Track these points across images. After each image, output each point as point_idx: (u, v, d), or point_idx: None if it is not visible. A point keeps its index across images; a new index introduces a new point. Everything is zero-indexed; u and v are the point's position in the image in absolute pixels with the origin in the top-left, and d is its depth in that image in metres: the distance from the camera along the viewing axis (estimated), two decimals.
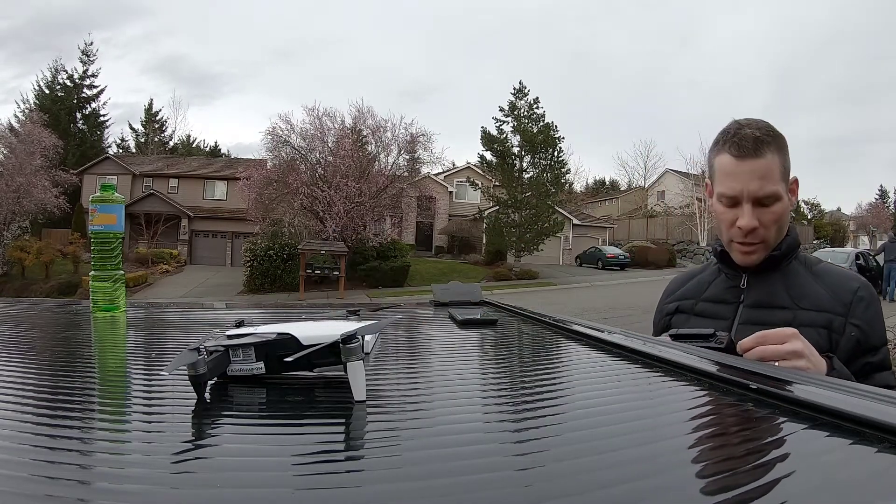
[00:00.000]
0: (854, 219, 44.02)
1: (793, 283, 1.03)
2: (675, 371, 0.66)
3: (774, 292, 1.03)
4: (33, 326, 1.11)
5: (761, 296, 1.04)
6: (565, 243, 27.45)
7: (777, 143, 0.99)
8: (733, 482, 0.36)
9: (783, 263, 1.05)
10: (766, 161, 0.97)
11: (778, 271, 1.04)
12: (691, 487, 0.35)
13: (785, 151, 1.00)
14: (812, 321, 0.97)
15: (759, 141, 0.97)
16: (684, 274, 1.26)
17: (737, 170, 0.99)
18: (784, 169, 1.00)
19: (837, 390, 0.54)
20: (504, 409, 0.57)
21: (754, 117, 1.03)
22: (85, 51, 34.52)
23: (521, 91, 21.77)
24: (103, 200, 1.18)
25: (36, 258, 18.77)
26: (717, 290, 1.11)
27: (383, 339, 0.90)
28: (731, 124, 1.02)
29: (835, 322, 0.96)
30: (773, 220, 1.00)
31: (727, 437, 0.47)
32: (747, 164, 0.98)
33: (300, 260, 14.82)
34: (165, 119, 40.99)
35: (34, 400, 0.55)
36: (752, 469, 0.38)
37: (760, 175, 0.97)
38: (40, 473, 0.36)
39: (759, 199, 0.98)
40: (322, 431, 0.47)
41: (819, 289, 1.00)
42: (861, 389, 0.55)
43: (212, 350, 0.55)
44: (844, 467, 0.39)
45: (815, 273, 1.04)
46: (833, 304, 0.98)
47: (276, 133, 17.66)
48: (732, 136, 0.99)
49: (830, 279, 1.02)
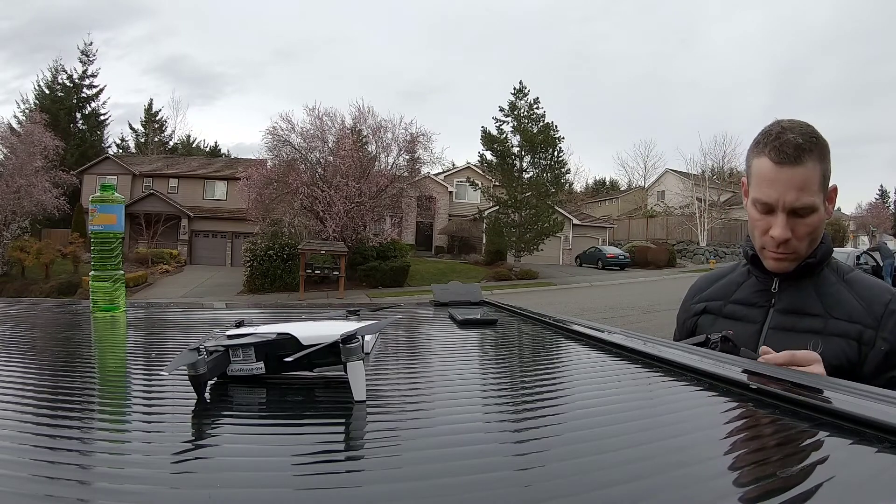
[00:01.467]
0: (854, 219, 44.00)
1: (825, 291, 1.01)
2: (675, 371, 0.66)
3: (806, 299, 1.01)
4: (33, 326, 1.11)
5: (793, 302, 1.02)
6: (565, 243, 27.46)
7: (820, 150, 0.96)
8: (733, 482, 0.36)
9: (816, 271, 1.03)
10: (806, 170, 0.94)
11: (810, 278, 1.03)
12: (691, 488, 0.35)
13: (827, 159, 0.97)
14: (843, 331, 0.96)
15: (801, 148, 0.93)
16: (712, 273, 1.24)
17: (775, 176, 0.95)
18: (824, 178, 0.96)
19: (837, 390, 0.54)
20: (504, 409, 0.57)
21: (797, 119, 0.99)
22: (84, 50, 34.56)
23: (521, 91, 21.78)
24: (103, 200, 1.18)
25: (36, 258, 18.77)
26: (747, 293, 1.09)
27: (383, 339, 0.90)
28: (774, 125, 0.98)
29: (865, 334, 0.95)
30: (808, 233, 0.98)
31: (727, 438, 0.47)
32: (786, 172, 0.94)
33: (300, 260, 14.82)
34: (165, 119, 41.06)
35: (34, 400, 0.55)
36: (752, 469, 0.38)
37: (799, 185, 0.94)
38: (40, 473, 0.36)
39: (795, 210, 0.96)
40: (322, 431, 0.47)
41: (851, 299, 0.99)
42: (861, 389, 0.55)
43: (212, 350, 0.55)
44: (845, 467, 0.39)
45: (847, 281, 1.02)
46: (864, 316, 0.96)
47: (277, 133, 17.68)
48: (774, 140, 0.95)
49: (863, 289, 1.00)
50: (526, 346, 0.97)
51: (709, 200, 30.21)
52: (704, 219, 29.65)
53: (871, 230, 40.11)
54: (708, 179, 31.34)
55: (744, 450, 0.43)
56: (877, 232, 39.03)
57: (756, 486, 0.35)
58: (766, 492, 0.34)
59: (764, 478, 0.36)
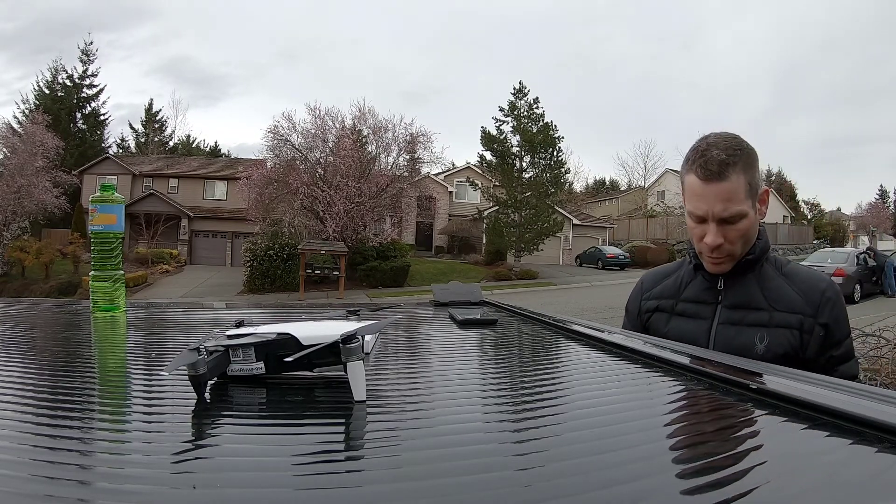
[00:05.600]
0: (854, 219, 44.01)
1: (767, 285, 1.09)
2: (675, 371, 0.66)
3: (751, 294, 1.09)
4: (33, 326, 1.11)
5: (738, 297, 1.10)
6: (565, 243, 27.45)
7: (744, 161, 1.03)
8: (733, 482, 0.36)
9: (756, 266, 1.11)
10: (730, 184, 1.01)
11: (752, 273, 1.11)
12: (691, 487, 0.35)
13: (753, 168, 1.04)
14: (787, 322, 1.05)
15: (724, 164, 1.01)
16: (659, 270, 1.31)
17: (702, 192, 1.04)
18: (750, 186, 1.04)
19: (837, 390, 0.54)
20: (504, 409, 0.57)
21: (724, 132, 1.07)
22: (85, 50, 34.50)
23: (521, 91, 21.76)
24: (103, 200, 1.18)
25: (36, 258, 18.77)
26: (696, 291, 1.17)
27: (383, 339, 0.90)
28: (700, 143, 1.06)
29: (805, 323, 1.05)
30: (739, 236, 1.06)
31: (727, 438, 0.47)
32: (712, 188, 1.02)
33: (300, 260, 14.82)
34: (165, 119, 41.01)
35: (34, 400, 0.55)
36: (752, 469, 0.38)
37: (725, 198, 1.02)
38: (40, 473, 0.36)
39: (724, 219, 1.03)
40: (322, 431, 0.47)
41: (791, 291, 1.08)
42: (861, 389, 0.55)
43: (212, 350, 0.55)
44: (844, 467, 0.39)
45: (786, 274, 1.11)
46: (804, 306, 1.06)
47: (278, 131, 17.68)
48: (700, 157, 1.03)
49: (800, 281, 1.09)
50: (526, 346, 0.97)
51: None
52: None
53: (871, 230, 40.11)
54: None
55: (743, 450, 0.43)
56: (877, 232, 39.04)
57: (755, 485, 0.35)
58: (766, 491, 0.34)
59: (764, 477, 0.36)
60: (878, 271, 14.36)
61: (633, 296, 1.31)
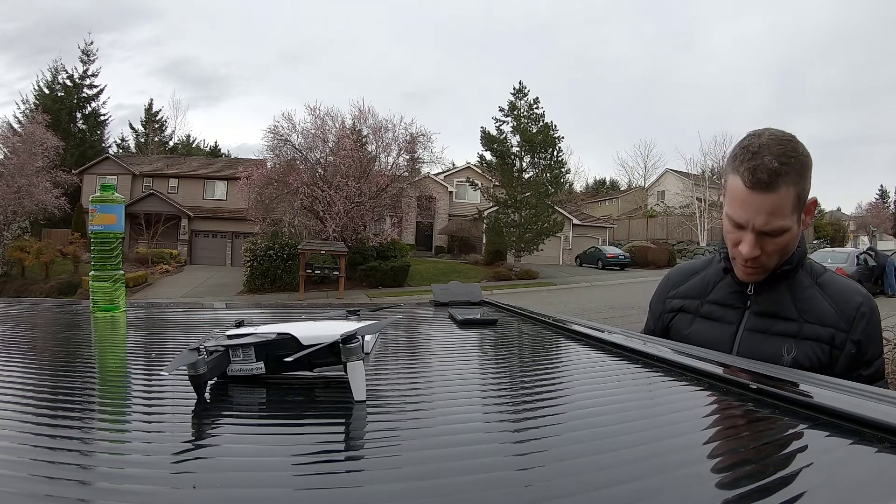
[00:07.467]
0: (854, 219, 43.98)
1: (799, 295, 1.02)
2: (675, 371, 0.66)
3: (781, 303, 1.03)
4: (33, 326, 1.11)
5: (768, 305, 1.04)
6: (565, 243, 27.45)
7: (797, 170, 0.93)
8: (733, 482, 0.36)
9: (791, 275, 1.04)
10: (778, 196, 0.92)
11: (785, 280, 1.04)
12: (691, 487, 0.35)
13: (805, 176, 0.95)
14: (816, 335, 0.99)
15: (775, 174, 0.91)
16: (686, 267, 1.24)
17: (746, 199, 0.94)
18: (799, 198, 0.95)
19: (837, 390, 0.54)
20: (504, 409, 0.57)
21: (779, 131, 0.97)
22: (85, 50, 34.48)
23: (521, 91, 21.76)
24: (103, 200, 1.18)
25: (36, 258, 18.76)
26: (723, 294, 1.10)
27: (383, 339, 0.90)
28: (751, 141, 0.96)
29: (837, 338, 0.98)
30: (776, 250, 0.98)
31: (727, 438, 0.47)
32: (758, 198, 0.93)
33: (300, 260, 14.80)
34: (165, 119, 40.99)
35: (34, 400, 0.55)
36: (752, 469, 0.38)
37: (770, 210, 0.93)
38: (40, 473, 0.36)
39: (765, 232, 0.96)
40: (322, 431, 0.47)
41: (824, 303, 1.01)
42: (861, 389, 0.55)
43: (212, 350, 0.55)
44: (844, 467, 0.39)
45: (820, 284, 1.04)
46: (836, 320, 0.99)
47: (278, 131, 17.68)
48: (750, 160, 0.93)
49: (835, 292, 1.02)
50: (526, 346, 0.97)
51: (709, 200, 30.20)
52: (704, 219, 29.63)
53: (871, 230, 40.10)
54: (708, 179, 31.30)
55: (743, 450, 0.43)
56: (877, 232, 39.03)
57: (756, 485, 0.35)
58: (766, 491, 0.34)
59: (764, 478, 0.36)
60: (878, 271, 14.40)
61: (657, 293, 1.24)
